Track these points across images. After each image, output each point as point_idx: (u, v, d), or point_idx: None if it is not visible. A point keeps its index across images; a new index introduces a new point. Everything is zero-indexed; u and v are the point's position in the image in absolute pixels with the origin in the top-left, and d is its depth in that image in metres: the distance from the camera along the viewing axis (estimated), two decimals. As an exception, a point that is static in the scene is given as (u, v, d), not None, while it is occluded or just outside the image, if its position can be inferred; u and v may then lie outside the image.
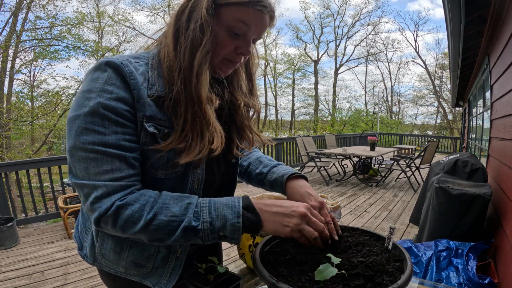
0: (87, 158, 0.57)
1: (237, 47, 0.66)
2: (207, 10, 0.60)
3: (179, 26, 0.62)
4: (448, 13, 2.89)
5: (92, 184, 0.57)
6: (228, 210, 0.60)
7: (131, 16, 22.42)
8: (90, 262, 0.77)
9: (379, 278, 0.56)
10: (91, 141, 0.56)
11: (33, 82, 15.66)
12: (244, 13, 0.61)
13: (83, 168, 0.57)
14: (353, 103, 28.67)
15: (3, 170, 3.58)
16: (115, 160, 0.58)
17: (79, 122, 0.57)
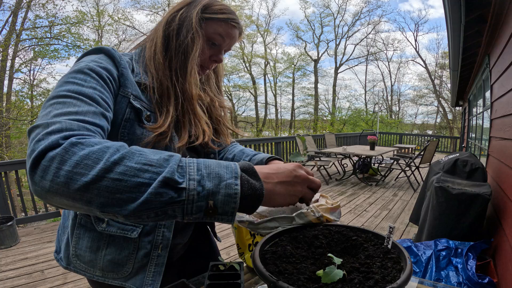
0: (54, 103, 0.50)
1: (211, 55, 0.77)
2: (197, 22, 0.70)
3: (169, 32, 0.71)
4: (448, 13, 2.89)
5: (45, 122, 0.46)
6: (222, 168, 0.45)
7: (131, 15, 22.42)
8: (63, 265, 0.73)
9: (378, 277, 0.56)
10: (66, 88, 0.53)
11: (33, 81, 15.66)
12: (222, 27, 0.73)
13: (45, 113, 0.48)
14: (353, 102, 28.72)
15: (3, 169, 3.57)
16: (84, 105, 0.52)
17: (62, 79, 0.56)
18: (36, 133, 0.45)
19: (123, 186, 0.40)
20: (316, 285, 0.54)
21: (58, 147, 0.41)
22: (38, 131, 0.45)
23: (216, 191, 0.42)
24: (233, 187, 0.43)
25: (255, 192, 0.46)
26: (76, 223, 0.69)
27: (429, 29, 39.71)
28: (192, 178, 0.42)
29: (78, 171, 0.39)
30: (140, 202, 0.40)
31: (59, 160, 0.40)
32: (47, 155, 0.41)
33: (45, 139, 0.42)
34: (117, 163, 0.41)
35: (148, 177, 0.41)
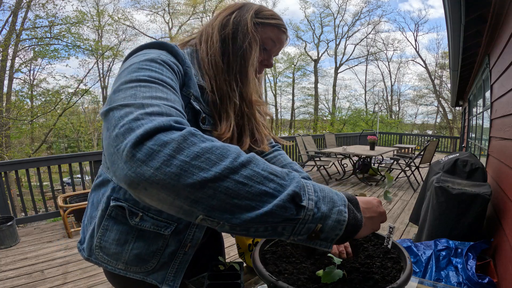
0: (138, 86, 0.46)
1: (263, 59, 0.78)
2: (253, 26, 0.72)
3: (225, 36, 0.71)
4: (448, 13, 2.89)
5: (139, 103, 0.42)
6: (334, 194, 0.44)
7: (131, 15, 22.39)
8: (85, 256, 0.72)
9: (378, 277, 0.56)
10: (147, 74, 0.49)
11: (33, 81, 15.66)
12: (274, 32, 0.75)
13: (129, 95, 0.44)
14: (353, 102, 28.71)
15: (3, 169, 3.57)
16: (171, 94, 0.49)
17: (134, 66, 0.52)
18: (125, 111, 0.40)
19: (245, 192, 0.36)
20: (316, 285, 0.54)
21: (174, 132, 0.37)
22: (128, 110, 0.40)
23: (328, 215, 0.41)
24: (343, 214, 0.42)
25: (356, 223, 0.44)
26: (106, 214, 0.67)
27: (429, 29, 39.76)
28: (311, 198, 0.40)
29: (197, 164, 0.35)
30: (260, 213, 0.36)
31: (174, 147, 0.35)
32: (158, 137, 0.35)
33: (147, 119, 0.38)
34: (244, 166, 0.37)
35: (273, 187, 0.38)
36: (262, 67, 0.80)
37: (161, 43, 0.62)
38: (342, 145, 9.50)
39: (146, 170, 0.34)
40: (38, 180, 3.96)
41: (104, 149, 0.41)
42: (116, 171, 0.37)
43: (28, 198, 4.82)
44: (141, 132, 0.35)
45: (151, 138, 0.35)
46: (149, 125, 0.36)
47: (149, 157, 0.34)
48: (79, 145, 20.18)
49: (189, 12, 21.73)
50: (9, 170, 3.83)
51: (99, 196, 0.71)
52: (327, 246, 0.43)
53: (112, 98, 0.45)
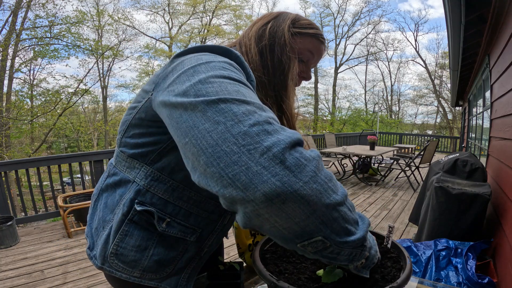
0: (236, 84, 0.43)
1: (300, 71, 0.75)
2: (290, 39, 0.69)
3: (262, 48, 0.69)
4: (448, 13, 2.89)
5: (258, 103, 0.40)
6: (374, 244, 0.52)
7: (131, 15, 22.42)
8: (98, 265, 0.66)
9: (378, 277, 0.56)
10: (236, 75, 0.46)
11: (33, 81, 15.66)
12: (312, 43, 0.72)
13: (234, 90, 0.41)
14: (353, 102, 28.69)
15: (3, 169, 3.57)
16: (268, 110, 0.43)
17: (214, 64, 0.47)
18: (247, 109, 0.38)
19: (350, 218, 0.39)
20: (317, 284, 0.54)
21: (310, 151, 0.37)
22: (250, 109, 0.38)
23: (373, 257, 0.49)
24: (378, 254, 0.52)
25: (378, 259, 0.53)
26: (127, 219, 0.61)
27: (429, 29, 39.77)
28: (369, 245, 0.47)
29: (331, 186, 0.36)
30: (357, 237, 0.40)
31: (317, 165, 0.35)
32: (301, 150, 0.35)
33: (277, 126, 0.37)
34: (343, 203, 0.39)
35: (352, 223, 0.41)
36: (300, 79, 0.77)
37: (226, 50, 0.55)
38: (342, 145, 9.50)
39: (295, 182, 0.33)
40: (38, 180, 3.96)
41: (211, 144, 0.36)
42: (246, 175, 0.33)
43: (28, 198, 4.83)
44: (287, 140, 0.34)
45: (295, 149, 0.34)
46: (289, 135, 0.36)
47: (298, 168, 0.33)
48: (79, 145, 20.17)
49: (189, 12, 21.71)
50: (9, 170, 3.83)
51: (115, 198, 0.65)
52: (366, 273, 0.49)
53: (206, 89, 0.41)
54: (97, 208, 0.71)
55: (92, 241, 0.70)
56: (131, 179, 0.63)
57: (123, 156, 0.65)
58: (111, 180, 0.68)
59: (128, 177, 0.64)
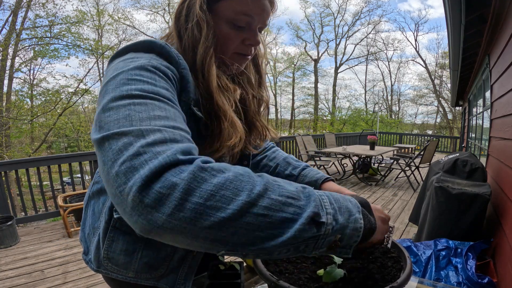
0: (131, 104, 0.41)
1: (244, 39, 0.65)
2: (200, 7, 0.60)
3: (180, 27, 0.63)
4: (448, 13, 2.89)
5: (138, 129, 0.37)
6: (348, 202, 0.43)
7: (131, 15, 22.42)
8: (94, 268, 0.68)
9: (378, 277, 0.56)
10: (139, 87, 0.44)
11: (33, 81, 15.66)
12: (243, 4, 0.60)
13: (123, 116, 0.39)
14: (353, 102, 28.72)
15: (3, 169, 3.57)
16: (169, 108, 0.44)
17: (122, 76, 0.46)
18: (124, 143, 0.36)
19: (266, 223, 0.34)
20: (317, 284, 0.54)
21: (182, 169, 0.33)
22: (127, 141, 0.36)
23: (346, 225, 0.40)
24: (359, 221, 0.42)
25: (371, 226, 0.45)
26: (110, 226, 0.63)
27: (429, 29, 39.77)
28: (328, 212, 0.39)
29: (212, 204, 0.32)
30: (283, 239, 0.35)
31: (185, 188, 0.32)
32: (165, 178, 0.32)
33: (150, 153, 0.34)
34: (262, 196, 0.35)
35: (292, 211, 0.36)
36: (248, 47, 0.66)
37: (149, 44, 0.55)
38: (342, 145, 9.50)
39: (158, 217, 0.31)
40: (38, 180, 3.96)
41: (104, 183, 0.37)
42: (124, 214, 0.34)
43: (28, 198, 4.83)
44: (146, 173, 0.32)
45: (158, 180, 0.32)
46: (154, 163, 0.33)
47: (159, 202, 0.31)
48: (79, 145, 20.16)
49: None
50: (9, 170, 3.83)
51: (100, 206, 0.68)
52: (347, 253, 0.42)
53: (103, 119, 0.40)
54: (87, 215, 0.73)
55: (86, 246, 0.72)
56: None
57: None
58: (95, 187, 0.71)
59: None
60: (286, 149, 7.50)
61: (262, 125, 0.78)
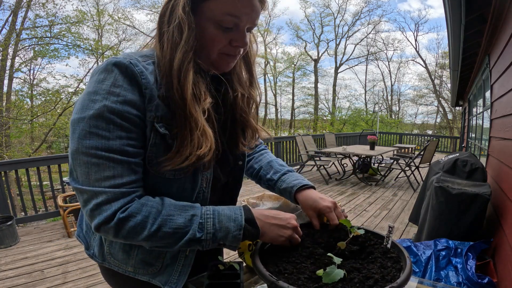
0: (88, 163, 0.55)
1: (231, 40, 0.63)
2: (183, 8, 0.58)
3: (162, 28, 0.61)
4: (448, 13, 2.89)
5: (92, 190, 0.55)
6: (231, 222, 0.62)
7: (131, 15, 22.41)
8: (99, 261, 0.76)
9: (378, 277, 0.56)
10: (94, 145, 0.55)
11: (33, 81, 15.65)
12: (229, 5, 0.58)
13: (84, 172, 0.56)
14: (353, 102, 28.74)
15: (3, 168, 3.57)
16: (118, 166, 0.57)
17: (83, 125, 0.55)
18: (86, 198, 0.57)
19: (165, 241, 0.60)
20: (316, 284, 0.54)
21: (111, 222, 0.56)
22: (88, 197, 0.56)
23: (225, 238, 0.62)
24: (237, 237, 0.62)
25: (252, 236, 0.64)
26: None
27: (429, 29, 39.79)
28: (209, 231, 0.61)
29: (130, 236, 0.58)
30: (176, 247, 0.61)
31: (115, 231, 0.57)
32: (105, 227, 0.56)
33: (98, 211, 0.56)
34: (157, 231, 0.58)
35: (179, 236, 0.59)
36: (235, 48, 0.64)
37: (114, 64, 0.56)
38: (342, 145, 9.50)
39: (108, 237, 0.61)
40: (38, 180, 3.96)
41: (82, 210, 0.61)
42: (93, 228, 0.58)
43: (28, 198, 4.82)
44: (98, 221, 0.56)
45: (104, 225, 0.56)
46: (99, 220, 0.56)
47: (106, 233, 0.58)
48: (79, 145, 20.13)
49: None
50: (9, 170, 3.83)
51: None
52: (233, 249, 0.65)
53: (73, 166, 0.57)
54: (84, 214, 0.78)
55: (86, 242, 0.79)
56: None
57: None
58: None
59: None
60: (286, 149, 7.50)
61: (252, 124, 0.78)
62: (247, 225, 0.63)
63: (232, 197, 0.86)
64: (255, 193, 4.75)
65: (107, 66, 0.57)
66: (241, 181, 0.86)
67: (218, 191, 0.79)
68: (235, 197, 0.88)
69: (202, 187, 0.70)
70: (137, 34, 20.73)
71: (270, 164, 0.95)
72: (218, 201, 0.77)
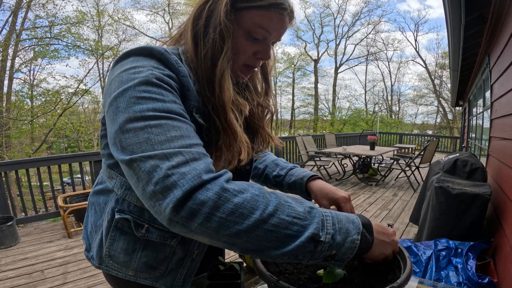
0: (147, 127, 0.46)
1: (256, 51, 0.63)
2: (226, 16, 0.57)
3: (197, 31, 0.60)
4: (448, 13, 2.89)
5: (161, 153, 0.43)
6: (350, 224, 0.49)
7: (131, 15, 22.42)
8: (96, 265, 0.71)
9: (378, 277, 0.56)
10: (151, 107, 0.47)
11: (33, 81, 15.65)
12: (264, 18, 0.59)
13: (143, 140, 0.45)
14: (353, 102, 28.71)
15: (3, 169, 3.57)
16: (183, 127, 0.49)
17: (130, 93, 0.48)
18: (151, 165, 0.43)
19: (273, 237, 0.42)
20: (317, 284, 0.54)
21: (208, 189, 0.41)
22: (154, 163, 0.43)
23: (342, 244, 0.46)
24: (356, 242, 0.47)
25: (367, 245, 0.50)
26: (112, 225, 0.65)
27: (429, 29, 39.79)
28: (328, 232, 0.45)
29: (232, 219, 0.41)
30: (285, 251, 0.43)
31: (212, 206, 0.40)
32: (196, 197, 0.40)
33: (177, 175, 0.41)
34: (272, 215, 0.43)
35: (296, 229, 0.43)
36: (257, 60, 0.65)
37: (150, 50, 0.54)
38: (342, 145, 9.50)
39: (191, 224, 0.40)
40: (38, 180, 3.96)
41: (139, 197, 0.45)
42: (163, 219, 0.42)
43: (28, 198, 4.82)
44: (180, 194, 0.40)
45: (190, 199, 0.40)
46: (185, 186, 0.40)
47: (192, 215, 0.40)
48: (79, 145, 20.16)
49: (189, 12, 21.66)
50: (9, 170, 3.83)
51: (101, 205, 0.70)
52: (340, 266, 0.48)
53: (124, 141, 0.46)
54: (90, 213, 0.76)
55: (88, 243, 0.75)
56: (110, 189, 0.67)
57: (104, 166, 0.68)
58: (98, 188, 0.72)
59: (109, 187, 0.67)
60: (286, 149, 7.50)
61: (266, 132, 0.78)
62: (364, 231, 0.50)
63: None
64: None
65: (142, 51, 0.54)
66: None
67: None
68: None
69: None
70: (137, 35, 20.74)
71: (275, 162, 0.94)
72: None
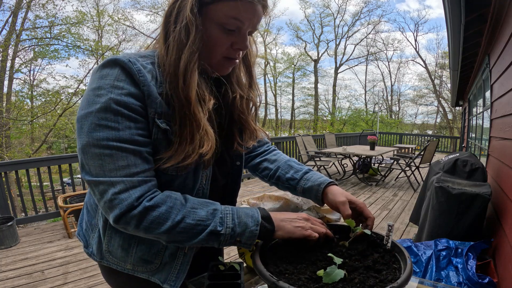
0: (101, 155, 0.56)
1: (233, 43, 0.65)
2: (191, 10, 0.59)
3: (168, 28, 0.62)
4: (448, 13, 2.89)
5: (109, 180, 0.56)
6: (249, 218, 0.63)
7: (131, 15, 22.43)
8: (97, 259, 0.76)
9: (378, 277, 0.56)
10: (105, 137, 0.56)
11: (33, 82, 15.65)
12: (234, 8, 0.60)
13: (97, 165, 0.56)
14: (353, 102, 28.76)
15: (3, 169, 3.57)
16: (130, 155, 0.58)
17: (91, 118, 0.56)
18: (102, 189, 0.56)
19: (184, 234, 0.60)
20: (317, 285, 0.54)
21: (135, 210, 0.56)
22: (103, 188, 0.56)
23: (243, 234, 0.62)
24: (254, 232, 0.62)
25: (268, 232, 0.64)
26: (108, 225, 0.71)
27: (429, 29, 39.81)
28: (228, 226, 0.61)
29: (153, 226, 0.58)
30: (194, 242, 0.61)
31: (138, 219, 0.57)
32: (127, 215, 0.56)
33: (118, 200, 0.56)
34: (180, 222, 0.59)
35: (200, 229, 0.60)
36: (236, 51, 0.66)
37: (114, 61, 0.58)
38: (342, 145, 9.50)
39: (127, 229, 0.59)
40: (38, 180, 3.96)
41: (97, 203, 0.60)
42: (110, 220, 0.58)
43: (28, 198, 4.83)
44: (118, 213, 0.56)
45: (124, 216, 0.56)
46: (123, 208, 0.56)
47: (126, 224, 0.57)
48: (79, 145, 20.12)
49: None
50: (9, 170, 3.83)
51: (93, 206, 0.77)
52: (248, 247, 0.64)
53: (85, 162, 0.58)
54: (84, 212, 0.82)
55: (86, 240, 0.80)
56: None
57: None
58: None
59: None
60: (286, 149, 7.50)
61: (251, 125, 0.79)
62: (263, 222, 0.64)
63: (231, 198, 0.87)
64: (255, 193, 4.74)
65: (108, 63, 0.59)
66: (239, 182, 0.87)
67: (218, 192, 0.80)
68: (235, 198, 0.88)
69: (202, 183, 0.72)
70: (137, 35, 20.72)
71: (288, 163, 0.92)
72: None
